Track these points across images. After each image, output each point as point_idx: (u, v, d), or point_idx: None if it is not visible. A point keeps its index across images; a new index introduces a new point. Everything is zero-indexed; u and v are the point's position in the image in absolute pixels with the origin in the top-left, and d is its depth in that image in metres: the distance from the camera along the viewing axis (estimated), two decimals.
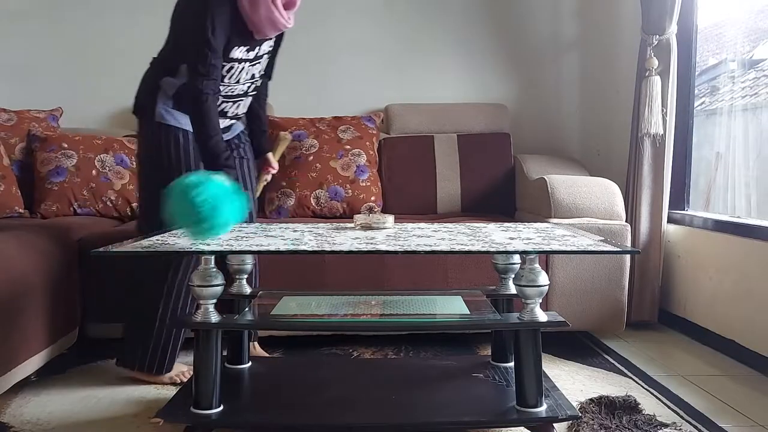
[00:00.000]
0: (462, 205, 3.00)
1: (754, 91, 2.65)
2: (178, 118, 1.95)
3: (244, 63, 1.95)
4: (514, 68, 3.40)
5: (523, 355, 1.52)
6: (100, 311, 2.28)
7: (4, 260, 1.77)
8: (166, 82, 1.95)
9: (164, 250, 1.45)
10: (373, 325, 1.68)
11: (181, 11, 1.93)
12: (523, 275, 1.50)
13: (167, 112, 1.95)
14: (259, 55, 2.00)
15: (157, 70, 2.00)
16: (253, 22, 1.88)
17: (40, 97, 3.11)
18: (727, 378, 2.13)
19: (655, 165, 2.68)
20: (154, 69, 2.01)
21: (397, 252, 1.42)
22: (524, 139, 3.33)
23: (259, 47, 1.98)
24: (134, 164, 2.85)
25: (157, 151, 1.95)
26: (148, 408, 1.81)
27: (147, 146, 2.01)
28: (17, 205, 2.66)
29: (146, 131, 2.00)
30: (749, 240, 2.26)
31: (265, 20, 1.88)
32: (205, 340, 1.50)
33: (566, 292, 2.41)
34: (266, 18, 1.87)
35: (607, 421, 1.72)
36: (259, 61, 2.01)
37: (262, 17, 1.87)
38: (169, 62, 1.96)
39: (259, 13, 1.86)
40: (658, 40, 2.63)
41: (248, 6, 1.85)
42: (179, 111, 1.95)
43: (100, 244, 1.56)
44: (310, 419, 1.56)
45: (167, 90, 1.95)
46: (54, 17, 3.22)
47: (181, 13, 1.93)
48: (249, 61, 1.96)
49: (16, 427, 1.71)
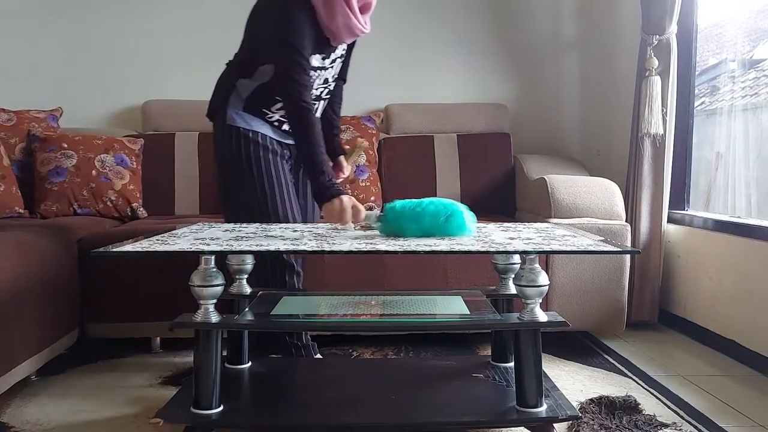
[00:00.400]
0: None
1: (755, 91, 2.65)
2: (248, 120, 1.95)
3: (320, 70, 1.94)
4: (514, 68, 3.40)
5: (523, 355, 1.52)
6: (100, 311, 2.28)
7: (4, 260, 1.77)
8: (242, 84, 1.95)
9: (164, 250, 1.45)
10: (373, 325, 1.68)
11: (262, 20, 1.91)
12: (523, 275, 1.50)
13: (237, 115, 1.95)
14: (332, 60, 1.98)
15: (232, 72, 1.99)
16: (330, 29, 1.86)
17: (40, 97, 3.11)
18: (728, 378, 2.13)
19: (655, 165, 2.68)
20: (229, 72, 2.02)
21: (397, 252, 1.42)
22: (524, 139, 3.33)
23: (333, 52, 1.97)
24: (134, 164, 2.86)
25: (228, 153, 1.97)
26: (148, 408, 1.81)
27: (219, 148, 2.02)
28: (17, 205, 2.66)
29: (218, 133, 2.01)
30: (749, 240, 2.26)
31: (342, 27, 1.86)
32: (205, 340, 1.50)
33: (566, 292, 2.41)
34: (344, 25, 1.85)
35: (607, 421, 1.72)
36: (332, 65, 2.00)
37: (339, 24, 1.85)
38: (245, 64, 1.95)
39: (337, 20, 1.84)
40: (658, 40, 2.63)
41: (325, 14, 1.83)
42: (250, 114, 1.95)
43: (100, 244, 1.57)
44: (310, 419, 1.56)
45: (242, 92, 1.95)
46: (54, 17, 3.22)
47: (262, 21, 1.91)
48: (323, 68, 1.96)
49: (16, 427, 1.71)
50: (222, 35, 3.28)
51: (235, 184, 1.98)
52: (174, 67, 3.26)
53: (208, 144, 3.01)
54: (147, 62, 3.26)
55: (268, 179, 1.94)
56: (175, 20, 3.26)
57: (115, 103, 3.26)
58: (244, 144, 1.95)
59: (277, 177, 1.96)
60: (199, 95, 3.20)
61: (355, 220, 1.74)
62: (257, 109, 1.96)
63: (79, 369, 2.18)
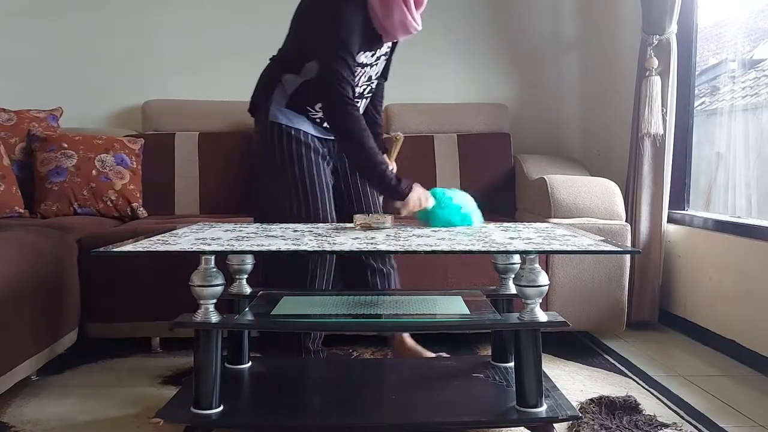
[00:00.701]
0: None
1: (755, 91, 2.65)
2: (291, 117, 1.94)
3: (366, 67, 1.93)
4: (514, 68, 3.40)
5: (523, 355, 1.52)
6: (100, 311, 2.28)
7: (4, 260, 1.77)
8: (288, 80, 1.93)
9: (164, 250, 1.45)
10: (373, 325, 1.68)
11: (311, 14, 1.89)
12: (523, 275, 1.50)
13: (280, 111, 1.94)
14: (377, 57, 1.97)
15: (277, 68, 1.97)
16: (384, 26, 1.84)
17: (40, 97, 3.11)
18: (728, 378, 2.13)
19: (655, 165, 2.68)
20: (274, 67, 1.99)
21: (397, 252, 1.42)
22: (524, 139, 3.33)
23: (379, 50, 1.95)
24: (134, 164, 2.86)
25: (270, 149, 1.94)
26: (148, 408, 1.81)
27: (261, 144, 2.00)
28: (17, 205, 2.66)
29: (260, 129, 1.99)
30: (749, 240, 2.26)
31: (398, 24, 1.84)
32: (205, 340, 1.50)
33: (566, 292, 2.41)
34: (399, 22, 1.84)
35: (607, 421, 1.72)
36: (377, 62, 1.98)
37: (395, 21, 1.83)
38: (291, 60, 1.93)
39: (393, 17, 1.82)
40: (659, 39, 2.63)
41: (380, 11, 1.81)
42: (293, 111, 1.94)
43: (100, 244, 1.56)
44: (310, 419, 1.56)
45: (287, 88, 1.94)
46: (54, 17, 3.22)
47: (311, 15, 1.88)
48: (369, 65, 1.95)
49: (16, 427, 1.71)
50: (222, 35, 3.31)
51: (273, 181, 1.95)
52: (174, 67, 3.27)
53: (209, 144, 3.03)
54: (147, 62, 3.26)
55: (309, 178, 1.92)
56: (175, 20, 3.26)
57: (115, 103, 3.26)
58: (286, 141, 1.92)
59: (318, 176, 1.94)
60: (199, 95, 3.22)
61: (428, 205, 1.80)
62: (301, 105, 1.94)
63: (79, 369, 2.18)
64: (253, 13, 3.27)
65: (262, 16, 3.28)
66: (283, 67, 1.95)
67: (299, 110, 1.95)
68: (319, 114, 1.96)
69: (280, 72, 1.95)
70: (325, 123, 1.97)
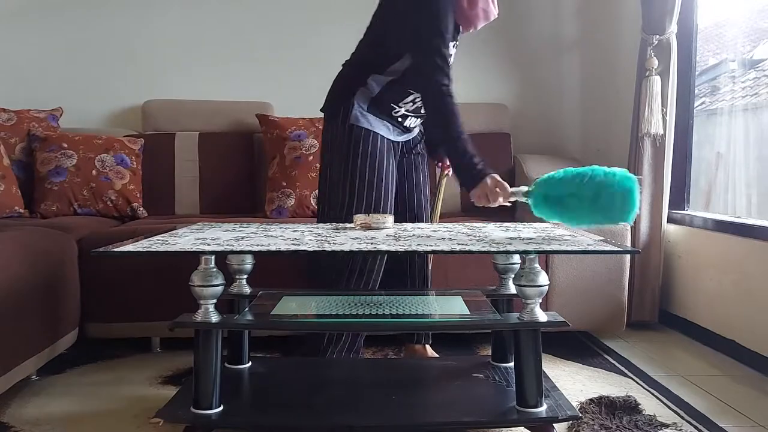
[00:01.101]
0: (462, 205, 3.00)
1: (755, 91, 2.65)
2: (371, 121, 1.93)
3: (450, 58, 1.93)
4: (514, 68, 3.40)
5: (523, 355, 1.52)
6: (100, 311, 2.28)
7: (4, 260, 1.77)
8: (374, 80, 1.92)
9: (164, 250, 1.45)
10: (374, 325, 1.68)
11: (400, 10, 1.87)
12: (523, 275, 1.50)
13: (362, 115, 1.93)
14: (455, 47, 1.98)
15: (360, 70, 1.96)
16: (467, 15, 1.86)
17: (40, 97, 3.11)
18: (728, 378, 2.13)
19: (655, 165, 2.68)
20: (354, 70, 1.98)
21: (397, 252, 1.42)
22: (524, 139, 3.33)
23: (456, 40, 1.96)
24: (134, 164, 2.86)
25: (347, 153, 1.93)
26: (148, 408, 1.81)
27: (337, 147, 1.96)
28: (17, 205, 2.66)
29: (337, 132, 1.96)
30: (749, 240, 2.26)
31: (481, 12, 1.86)
32: (205, 340, 1.50)
33: (566, 292, 2.41)
34: (482, 10, 1.86)
35: (607, 421, 1.72)
36: (453, 53, 1.99)
37: (479, 10, 1.85)
38: (375, 60, 1.92)
39: (478, 6, 1.84)
40: (659, 40, 2.62)
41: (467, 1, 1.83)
42: (373, 113, 1.93)
43: (100, 244, 1.56)
44: (310, 419, 1.56)
45: (373, 88, 1.93)
46: (54, 17, 3.22)
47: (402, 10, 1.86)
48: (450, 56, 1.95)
49: (16, 427, 1.71)
50: (222, 35, 3.31)
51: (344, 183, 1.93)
52: (174, 67, 3.27)
53: (209, 144, 3.03)
54: (147, 62, 3.26)
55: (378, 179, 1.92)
56: (175, 20, 3.26)
57: (115, 103, 3.26)
58: (362, 144, 1.92)
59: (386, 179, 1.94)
60: (199, 95, 3.23)
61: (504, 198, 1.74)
62: (385, 104, 1.93)
63: (79, 369, 2.18)
64: (253, 14, 3.27)
65: (262, 16, 3.28)
66: (365, 70, 1.94)
67: (382, 110, 1.94)
68: (403, 110, 1.96)
69: (363, 74, 1.94)
70: (408, 120, 1.99)
